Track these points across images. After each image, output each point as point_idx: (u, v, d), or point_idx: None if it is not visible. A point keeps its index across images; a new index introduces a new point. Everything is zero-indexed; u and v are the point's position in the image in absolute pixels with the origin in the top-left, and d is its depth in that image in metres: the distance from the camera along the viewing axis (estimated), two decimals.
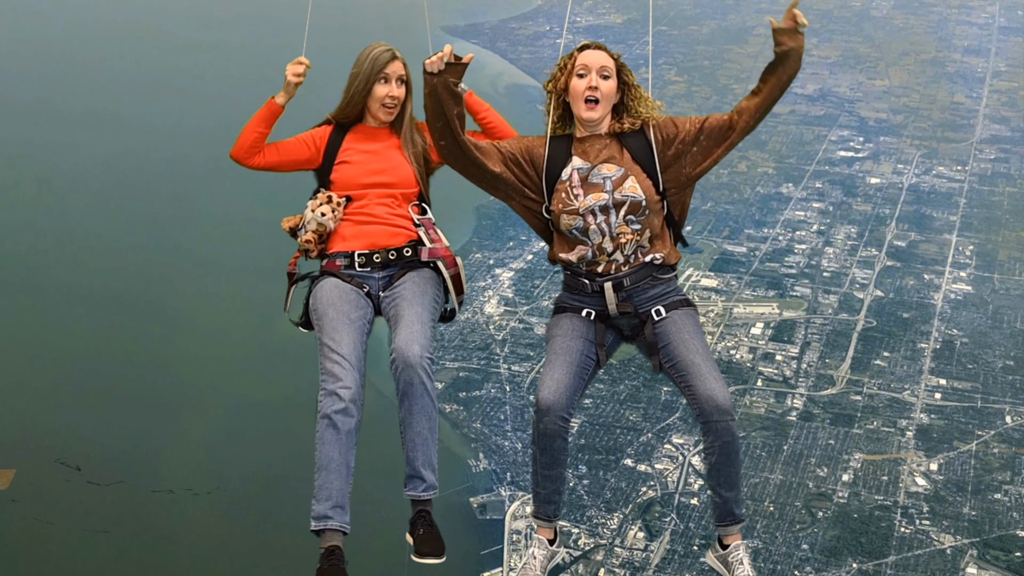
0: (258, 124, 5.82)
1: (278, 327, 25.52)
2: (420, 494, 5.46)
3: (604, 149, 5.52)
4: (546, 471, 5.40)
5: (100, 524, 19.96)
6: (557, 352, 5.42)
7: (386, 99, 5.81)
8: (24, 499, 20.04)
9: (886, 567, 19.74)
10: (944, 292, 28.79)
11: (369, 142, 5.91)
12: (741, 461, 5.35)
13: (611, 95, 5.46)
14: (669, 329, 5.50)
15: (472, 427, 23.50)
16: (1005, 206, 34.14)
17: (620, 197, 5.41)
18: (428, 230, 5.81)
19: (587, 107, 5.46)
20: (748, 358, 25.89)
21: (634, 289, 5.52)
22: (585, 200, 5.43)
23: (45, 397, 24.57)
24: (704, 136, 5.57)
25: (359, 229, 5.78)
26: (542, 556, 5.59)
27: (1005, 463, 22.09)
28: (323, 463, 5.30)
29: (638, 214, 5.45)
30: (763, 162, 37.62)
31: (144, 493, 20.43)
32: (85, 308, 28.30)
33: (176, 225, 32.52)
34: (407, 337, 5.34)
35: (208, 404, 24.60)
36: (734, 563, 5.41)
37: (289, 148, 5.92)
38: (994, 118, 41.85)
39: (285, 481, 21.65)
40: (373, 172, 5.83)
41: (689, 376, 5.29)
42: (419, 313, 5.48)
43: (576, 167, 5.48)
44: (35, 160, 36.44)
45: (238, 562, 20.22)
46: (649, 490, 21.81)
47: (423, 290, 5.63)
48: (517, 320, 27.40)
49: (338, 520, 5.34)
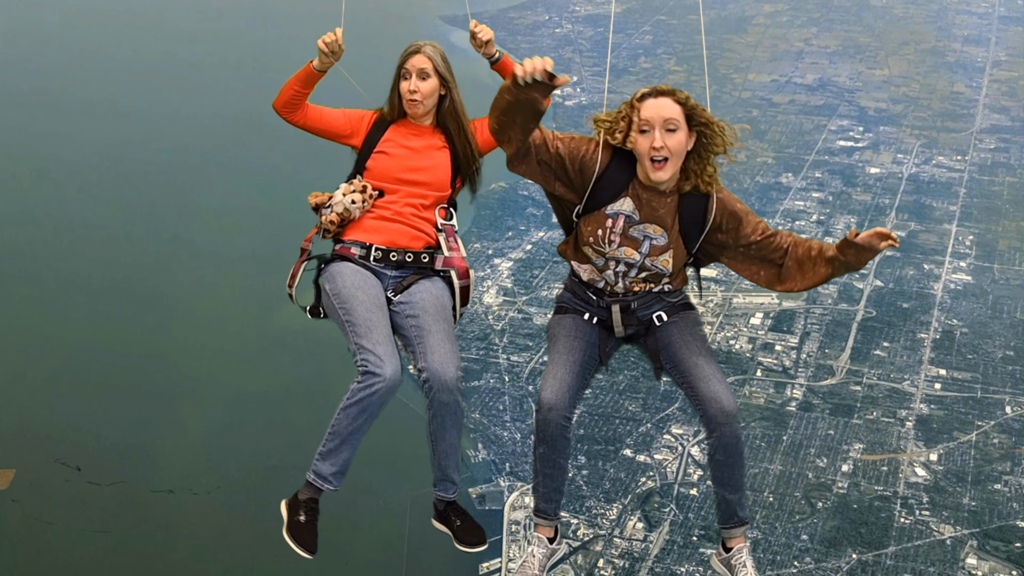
0: (298, 84, 5.85)
1: (277, 317, 25.51)
2: (451, 495, 5.83)
3: (661, 209, 5.32)
4: (548, 469, 5.39)
5: (100, 523, 19.92)
6: (560, 351, 5.40)
7: (406, 94, 5.84)
8: (24, 499, 20.00)
9: (886, 558, 19.72)
10: (944, 282, 28.73)
11: (411, 138, 5.92)
12: (745, 463, 5.38)
13: (681, 149, 5.18)
14: (671, 332, 5.49)
15: (471, 417, 23.43)
16: (1005, 196, 34.06)
17: (650, 265, 5.34)
18: (449, 237, 5.87)
19: (654, 167, 5.19)
20: (747, 348, 25.85)
21: (639, 307, 5.51)
22: (616, 251, 5.33)
23: (43, 388, 24.51)
24: (756, 248, 5.41)
25: (382, 224, 5.80)
26: (541, 554, 5.59)
27: (1005, 453, 22.06)
28: (341, 432, 5.41)
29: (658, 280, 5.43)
30: (762, 152, 37.51)
31: (144, 493, 20.37)
32: (83, 298, 28.22)
33: (174, 215, 32.41)
34: (442, 359, 5.42)
35: (206, 395, 24.55)
36: (737, 566, 5.49)
37: (330, 116, 5.99)
38: (994, 108, 41.73)
39: (284, 472, 21.61)
40: (409, 168, 5.85)
41: (692, 378, 5.29)
42: (447, 331, 5.59)
43: (626, 212, 5.30)
44: (33, 150, 36.31)
45: (236, 552, 20.20)
46: (648, 480, 21.78)
47: (443, 304, 5.71)
48: (516, 310, 27.33)
49: (335, 484, 5.58)
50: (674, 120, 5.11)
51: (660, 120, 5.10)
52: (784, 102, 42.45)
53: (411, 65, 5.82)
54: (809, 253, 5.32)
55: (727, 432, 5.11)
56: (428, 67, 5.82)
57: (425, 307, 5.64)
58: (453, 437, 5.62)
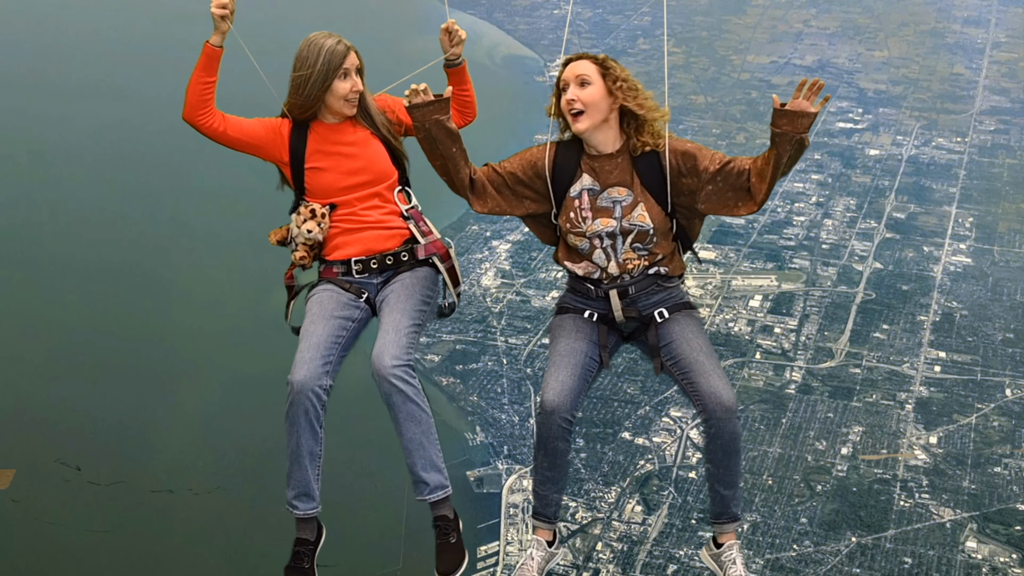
0: (200, 73, 5.67)
1: (274, 300, 25.31)
2: (428, 497, 5.58)
3: (615, 171, 5.39)
4: (548, 472, 5.43)
5: (100, 523, 19.86)
6: (561, 353, 5.40)
7: (349, 94, 5.63)
8: (24, 499, 19.95)
9: (885, 541, 19.67)
10: (944, 264, 28.64)
11: (335, 143, 5.72)
12: (742, 460, 5.39)
13: (596, 101, 5.29)
14: (672, 329, 5.49)
15: (469, 400, 23.40)
16: (1005, 178, 33.96)
17: (627, 225, 5.35)
18: (418, 222, 5.77)
19: (574, 120, 5.32)
20: (746, 331, 25.77)
21: (639, 295, 5.49)
22: (593, 224, 5.38)
23: (39, 370, 24.46)
24: (722, 178, 5.33)
25: (351, 236, 5.74)
26: (540, 558, 5.60)
27: (1005, 436, 21.99)
28: (289, 453, 5.48)
29: (645, 242, 5.41)
30: (761, 133, 37.37)
31: (144, 492, 20.31)
32: (79, 280, 28.14)
33: (171, 197, 32.36)
34: (379, 349, 5.32)
35: (204, 377, 24.50)
36: (727, 563, 5.43)
37: (249, 126, 5.84)
38: (994, 89, 41.64)
39: (280, 454, 21.55)
40: (349, 173, 5.71)
41: (692, 374, 5.28)
42: (396, 320, 5.44)
43: (586, 186, 5.40)
44: (29, 132, 36.20)
45: (232, 535, 20.18)
46: (647, 463, 21.72)
47: (409, 293, 5.59)
48: (514, 292, 27.26)
49: (302, 508, 5.56)
50: (586, 76, 5.28)
51: (573, 76, 5.30)
52: (783, 83, 42.30)
53: (350, 64, 5.65)
54: (765, 158, 5.22)
55: (725, 427, 5.11)
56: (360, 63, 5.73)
57: (388, 299, 5.60)
58: (411, 432, 5.40)
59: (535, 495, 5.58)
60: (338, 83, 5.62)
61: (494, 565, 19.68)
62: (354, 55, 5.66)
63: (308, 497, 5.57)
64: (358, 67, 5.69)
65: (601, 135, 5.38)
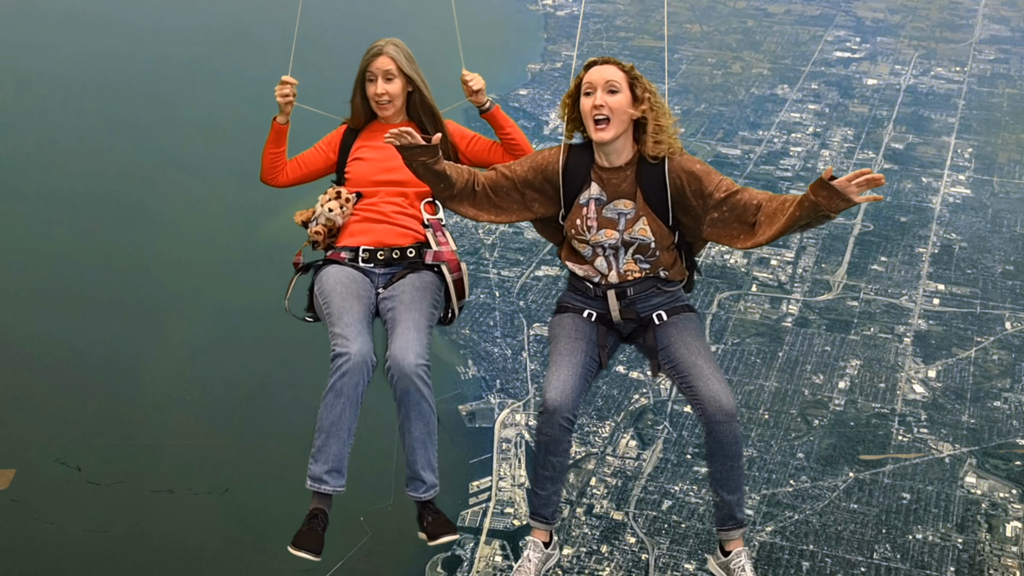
0: (270, 146, 6.03)
1: (263, 232, 25.21)
2: (421, 495, 5.61)
3: (623, 183, 5.39)
4: (548, 472, 5.44)
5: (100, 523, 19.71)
6: (562, 353, 5.44)
7: (375, 98, 5.89)
8: (24, 499, 19.81)
9: (883, 476, 19.54)
10: (942, 195, 28.48)
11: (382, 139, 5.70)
12: (744, 463, 5.42)
13: (622, 110, 5.25)
14: (670, 332, 5.50)
15: (460, 333, 23.24)
16: (1004, 108, 33.85)
17: (629, 238, 5.35)
18: (436, 232, 5.84)
19: (597, 128, 5.26)
20: (743, 263, 25.56)
21: (637, 297, 5.50)
22: (596, 235, 5.39)
23: (24, 303, 24.23)
24: (728, 208, 5.27)
25: (367, 226, 5.83)
26: (537, 559, 5.58)
27: (1005, 370, 21.85)
28: (323, 425, 5.36)
29: (647, 254, 5.40)
30: (758, 63, 37.26)
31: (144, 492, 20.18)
32: (65, 212, 27.89)
33: (159, 128, 32.08)
34: (402, 345, 5.31)
35: (191, 310, 24.30)
36: (736, 570, 5.36)
37: (308, 160, 6.13)
38: (993, 18, 41.52)
39: (271, 388, 21.45)
40: (385, 169, 5.88)
41: (691, 377, 5.27)
42: (416, 319, 5.49)
43: (594, 196, 5.43)
44: (14, 61, 35.89)
45: (222, 470, 20.08)
46: (641, 398, 21.56)
47: (421, 295, 5.64)
48: (507, 224, 26.96)
49: (332, 484, 5.48)
50: (615, 83, 5.25)
51: (602, 82, 5.26)
52: (780, 12, 42.21)
53: (376, 68, 5.85)
54: (783, 204, 5.11)
55: (726, 431, 5.11)
56: (392, 68, 5.86)
57: (402, 298, 5.59)
58: (419, 431, 5.43)
59: (533, 495, 5.59)
60: (368, 86, 5.92)
61: (486, 500, 19.56)
62: (383, 60, 5.83)
63: (339, 474, 5.49)
64: (388, 71, 5.87)
65: (618, 145, 5.38)
